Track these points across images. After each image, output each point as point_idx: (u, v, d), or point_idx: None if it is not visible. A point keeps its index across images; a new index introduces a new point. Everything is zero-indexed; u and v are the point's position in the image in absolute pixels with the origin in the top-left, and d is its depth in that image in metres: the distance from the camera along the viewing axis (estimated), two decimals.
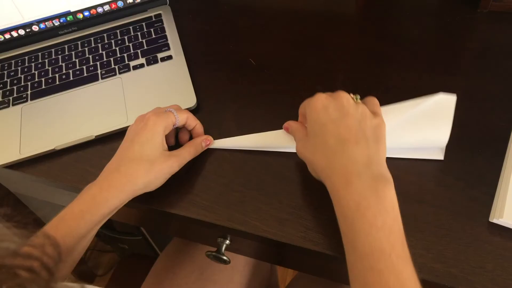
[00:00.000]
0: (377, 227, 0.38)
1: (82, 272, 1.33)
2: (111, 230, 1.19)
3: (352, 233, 0.40)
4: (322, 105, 0.45)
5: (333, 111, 0.45)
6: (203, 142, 0.54)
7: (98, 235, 1.37)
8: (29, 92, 0.65)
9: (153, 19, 0.71)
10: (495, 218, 0.45)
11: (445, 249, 0.45)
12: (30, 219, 0.33)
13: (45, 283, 0.30)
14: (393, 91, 0.58)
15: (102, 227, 1.24)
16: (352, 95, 0.47)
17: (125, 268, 1.30)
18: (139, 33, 0.69)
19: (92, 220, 0.45)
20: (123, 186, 0.46)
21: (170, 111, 0.51)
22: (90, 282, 1.35)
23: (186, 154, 0.52)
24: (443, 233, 0.46)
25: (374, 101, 0.48)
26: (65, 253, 0.44)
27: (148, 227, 1.09)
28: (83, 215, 0.45)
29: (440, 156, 0.51)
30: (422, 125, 0.50)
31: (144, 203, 0.53)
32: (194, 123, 0.54)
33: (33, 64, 0.68)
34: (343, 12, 0.70)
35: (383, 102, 0.57)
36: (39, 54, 0.70)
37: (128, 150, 0.48)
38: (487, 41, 0.62)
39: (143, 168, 0.47)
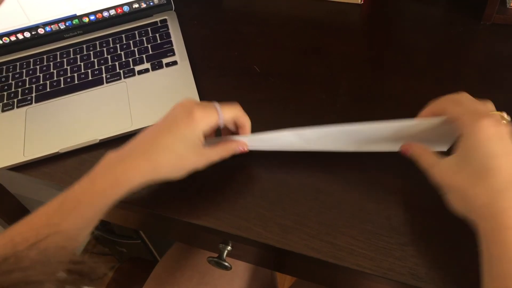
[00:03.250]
0: None
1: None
2: (109, 233, 1.19)
3: None
4: (493, 133, 0.40)
5: (507, 142, 0.40)
6: (239, 147, 0.51)
7: (96, 237, 1.37)
8: (33, 94, 0.65)
9: (159, 24, 0.71)
10: None
11: (447, 259, 0.45)
12: None
13: None
14: (396, 100, 0.59)
15: (100, 230, 1.23)
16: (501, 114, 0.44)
17: (124, 272, 1.30)
18: (144, 38, 0.70)
19: (112, 198, 0.45)
20: (146, 173, 0.46)
21: (215, 108, 0.48)
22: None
23: (214, 155, 0.50)
24: (446, 243, 0.46)
25: None
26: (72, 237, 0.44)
27: (149, 231, 1.09)
28: (105, 193, 0.45)
29: (444, 148, 0.50)
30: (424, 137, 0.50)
31: (147, 208, 0.53)
32: (241, 119, 0.51)
33: (38, 66, 0.69)
34: (347, 21, 0.71)
35: (385, 110, 0.58)
36: (44, 57, 0.70)
37: (162, 136, 0.47)
38: (490, 53, 0.62)
39: (170, 160, 0.47)
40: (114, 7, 0.71)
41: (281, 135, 0.51)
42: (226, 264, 0.58)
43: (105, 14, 0.71)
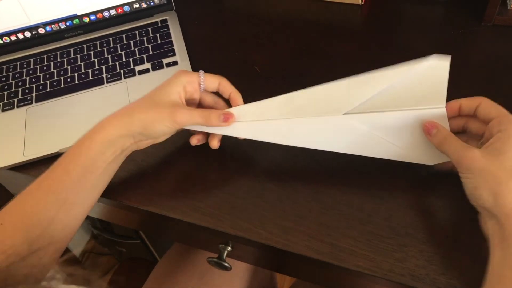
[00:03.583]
0: None
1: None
2: (109, 233, 1.19)
3: None
4: None
5: None
6: (221, 115, 0.49)
7: (96, 237, 1.37)
8: (34, 94, 0.65)
9: (159, 25, 0.71)
10: None
11: (448, 260, 0.45)
12: None
13: None
14: None
15: (100, 230, 1.22)
16: None
17: (124, 272, 1.30)
18: (145, 38, 0.70)
19: (93, 149, 0.46)
20: (122, 117, 0.47)
21: (197, 72, 0.51)
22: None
23: (196, 115, 0.48)
24: (446, 245, 0.46)
25: None
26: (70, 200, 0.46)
27: (149, 231, 1.09)
28: (83, 143, 0.47)
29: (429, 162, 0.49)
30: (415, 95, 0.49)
31: (147, 208, 0.53)
32: (228, 90, 0.51)
33: (38, 66, 0.69)
34: (348, 22, 0.71)
35: None
36: (45, 56, 0.70)
37: (147, 94, 0.50)
38: (491, 54, 0.62)
39: (144, 106, 0.48)
40: (115, 7, 0.71)
41: (270, 101, 0.51)
42: (226, 264, 0.58)
43: (106, 14, 0.71)
